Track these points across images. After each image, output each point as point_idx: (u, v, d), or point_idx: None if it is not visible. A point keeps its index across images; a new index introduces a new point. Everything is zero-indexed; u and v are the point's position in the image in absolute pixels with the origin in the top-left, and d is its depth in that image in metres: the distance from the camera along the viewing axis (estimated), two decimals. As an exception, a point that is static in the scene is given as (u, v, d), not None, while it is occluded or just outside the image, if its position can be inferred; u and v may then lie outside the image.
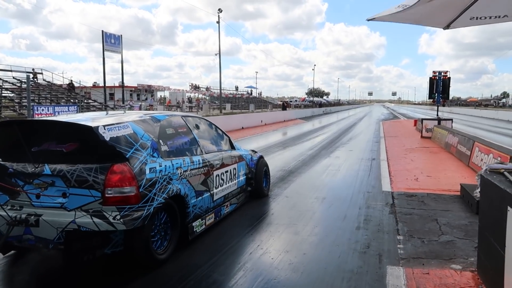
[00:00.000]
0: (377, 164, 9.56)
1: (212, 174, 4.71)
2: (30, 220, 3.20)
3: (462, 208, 5.56)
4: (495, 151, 7.44)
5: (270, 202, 6.07)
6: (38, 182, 3.35)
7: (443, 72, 17.35)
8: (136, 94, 51.46)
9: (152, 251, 3.49)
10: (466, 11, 3.55)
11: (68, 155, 3.32)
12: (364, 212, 5.48)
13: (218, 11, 36.05)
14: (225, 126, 20.23)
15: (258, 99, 75.54)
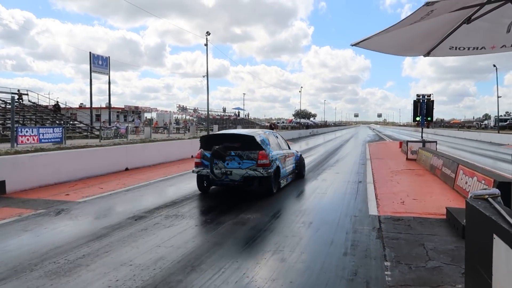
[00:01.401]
0: (363, 187, 9.56)
1: (285, 160, 9.52)
2: (228, 172, 7.98)
3: (448, 232, 5.56)
4: (479, 174, 7.52)
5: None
6: (228, 158, 8.05)
7: (427, 95, 17.74)
8: (123, 115, 51.20)
9: (272, 187, 8.30)
10: (446, 40, 3.64)
11: (239, 147, 8.09)
12: (351, 237, 5.43)
13: (206, 33, 36.47)
14: (212, 148, 20.23)
15: (246, 120, 75.88)
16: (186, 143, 18.85)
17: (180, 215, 6.65)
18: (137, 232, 5.62)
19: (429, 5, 2.23)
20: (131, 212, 6.90)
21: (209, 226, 6.01)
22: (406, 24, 2.67)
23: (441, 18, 3.32)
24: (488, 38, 3.71)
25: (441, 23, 3.51)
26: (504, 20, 3.35)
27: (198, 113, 65.44)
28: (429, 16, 2.55)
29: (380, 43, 3.52)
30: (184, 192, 8.82)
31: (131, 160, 13.15)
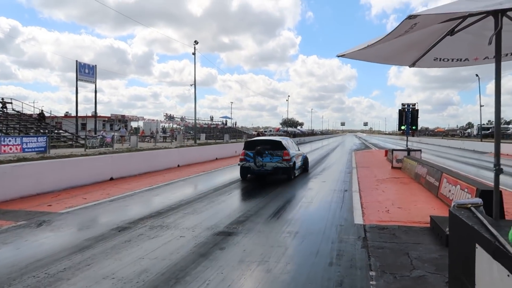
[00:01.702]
0: (349, 196, 9.60)
1: (297, 158, 13.48)
2: (264, 165, 12.13)
3: (432, 241, 5.60)
4: (462, 182, 7.62)
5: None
6: (264, 155, 12.14)
7: (412, 104, 18.03)
8: (109, 124, 50.65)
9: (291, 175, 12.65)
10: (430, 52, 3.70)
11: (270, 148, 12.25)
12: (337, 246, 5.42)
13: (194, 43, 36.54)
14: (199, 157, 20.10)
15: (233, 129, 75.79)
16: (173, 152, 18.71)
17: (165, 226, 6.56)
18: (120, 244, 5.51)
19: (411, 18, 2.26)
20: (115, 223, 6.78)
21: (195, 236, 5.93)
22: (390, 38, 2.70)
23: (425, 30, 3.37)
24: (471, 50, 3.78)
25: (426, 35, 3.56)
26: (486, 33, 3.41)
27: (185, 121, 65.17)
28: (412, 29, 2.59)
29: (366, 54, 3.55)
30: (170, 202, 8.72)
31: (116, 170, 12.97)
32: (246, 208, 8.10)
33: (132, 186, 11.15)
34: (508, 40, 3.35)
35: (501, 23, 2.96)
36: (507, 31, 3.27)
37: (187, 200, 9.01)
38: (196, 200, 9.09)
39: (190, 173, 14.72)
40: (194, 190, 11.19)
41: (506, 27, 3.18)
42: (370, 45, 2.91)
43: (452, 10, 2.39)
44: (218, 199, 9.26)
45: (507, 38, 3.29)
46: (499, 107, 3.17)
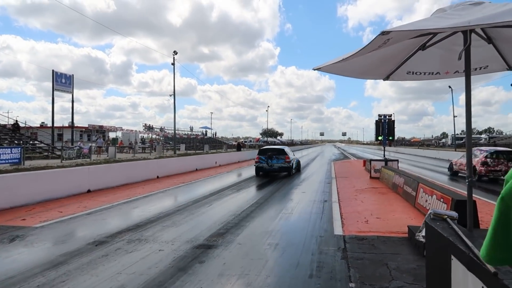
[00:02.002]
0: (329, 206, 9.67)
1: (294, 160, 19.35)
2: (272, 165, 17.77)
3: (410, 251, 5.68)
4: (438, 192, 7.79)
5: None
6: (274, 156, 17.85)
7: (388, 115, 18.41)
8: (87, 135, 49.71)
9: (290, 172, 18.53)
10: (403, 66, 3.80)
11: (277, 153, 17.98)
12: (317, 258, 5.43)
13: (174, 53, 36.43)
14: (179, 168, 19.91)
15: (213, 139, 75.60)
16: (152, 163, 18.47)
17: (143, 239, 6.44)
18: (97, 259, 5.37)
19: (384, 34, 2.32)
20: (92, 237, 6.61)
21: (174, 250, 5.84)
22: (364, 52, 2.77)
23: (398, 44, 3.47)
24: (442, 64, 3.91)
25: (399, 49, 3.67)
26: (456, 48, 3.54)
27: (164, 132, 64.60)
28: (386, 44, 2.66)
29: (341, 68, 3.63)
30: (148, 215, 8.58)
31: (93, 182, 12.70)
32: (226, 220, 8.04)
33: (110, 199, 10.92)
34: (477, 55, 3.48)
35: (470, 39, 3.08)
36: (476, 47, 3.41)
37: (166, 213, 8.89)
38: (176, 212, 8.97)
39: (170, 185, 14.55)
40: (174, 202, 11.05)
41: (474, 43, 3.31)
42: (345, 58, 2.98)
43: (423, 27, 2.48)
44: (198, 211, 9.18)
45: (476, 53, 3.42)
46: (470, 121, 3.28)
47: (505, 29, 3.10)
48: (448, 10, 2.66)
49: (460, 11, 2.50)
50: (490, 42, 3.42)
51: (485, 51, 3.54)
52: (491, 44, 3.44)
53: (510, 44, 3.41)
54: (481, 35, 3.32)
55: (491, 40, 3.41)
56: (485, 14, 2.22)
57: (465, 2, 2.67)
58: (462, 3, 2.68)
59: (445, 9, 2.76)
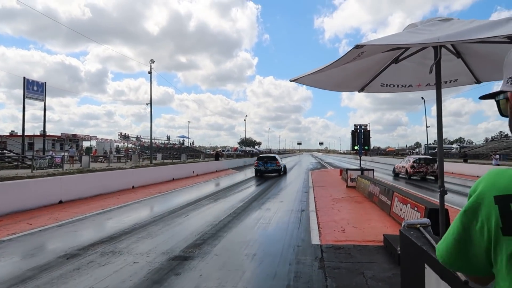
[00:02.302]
0: (306, 216, 9.72)
1: (282, 165, 26.28)
2: (267, 168, 24.79)
3: (386, 260, 5.76)
4: (412, 201, 7.96)
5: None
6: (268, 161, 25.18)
7: (363, 125, 18.77)
8: (59, 144, 48.33)
9: (279, 173, 25.58)
10: (377, 78, 3.90)
11: (270, 159, 25.27)
12: (294, 268, 5.43)
13: (151, 61, 36.08)
14: (155, 178, 19.61)
15: (190, 148, 74.99)
16: (127, 173, 18.12)
17: (117, 252, 6.28)
18: (68, 273, 5.19)
19: (358, 48, 2.37)
20: (63, 250, 6.40)
21: (149, 262, 5.71)
22: (339, 64, 2.82)
23: (372, 57, 3.56)
24: (414, 77, 4.03)
25: (373, 62, 3.76)
26: (427, 61, 3.66)
27: (141, 141, 63.64)
28: (360, 57, 2.72)
29: (317, 80, 3.68)
30: (123, 226, 8.38)
31: (66, 192, 12.33)
32: (203, 231, 7.95)
33: (83, 210, 10.62)
34: (447, 69, 3.61)
35: (440, 54, 3.20)
36: (446, 61, 3.53)
37: (141, 224, 8.71)
38: (151, 223, 8.81)
39: (146, 195, 14.29)
40: (149, 212, 10.85)
41: (444, 57, 3.43)
42: (321, 70, 3.03)
43: (396, 41, 2.55)
44: (175, 221, 9.04)
45: (446, 67, 3.55)
46: (441, 133, 3.38)
47: (472, 45, 3.23)
48: (419, 26, 2.75)
49: (431, 26, 2.59)
50: (459, 57, 3.55)
51: (455, 65, 3.68)
52: (460, 58, 3.57)
53: (478, 59, 3.55)
54: (451, 50, 3.45)
55: (460, 54, 3.54)
56: (454, 30, 2.31)
57: (435, 18, 2.78)
58: (432, 19, 2.78)
59: (416, 24, 2.85)
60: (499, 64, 3.34)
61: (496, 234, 0.70)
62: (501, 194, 0.68)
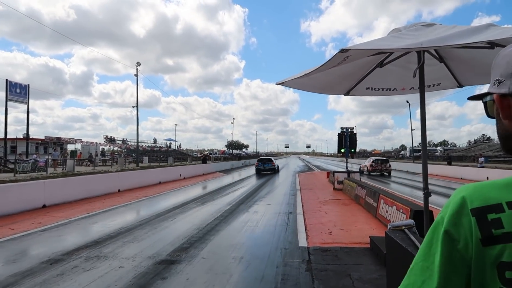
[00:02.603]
0: (293, 218, 9.75)
1: (276, 165, 34.28)
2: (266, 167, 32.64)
3: (372, 261, 5.81)
4: (398, 203, 8.06)
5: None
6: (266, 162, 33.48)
7: (350, 128, 18.95)
8: (43, 147, 47.45)
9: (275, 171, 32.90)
10: (362, 81, 3.95)
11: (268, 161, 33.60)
12: (282, 270, 5.44)
13: (137, 64, 35.80)
14: (141, 181, 19.43)
15: (178, 151, 74.53)
16: (113, 176, 17.92)
17: (102, 256, 6.19)
18: (51, 278, 5.10)
19: (343, 52, 2.40)
20: (46, 255, 6.28)
21: (135, 266, 5.65)
22: (325, 68, 2.85)
23: (358, 61, 3.60)
24: (399, 81, 4.09)
25: (358, 66, 3.81)
26: (411, 66, 3.72)
27: (127, 144, 62.96)
28: (345, 61, 2.75)
29: (303, 83, 3.71)
30: (108, 230, 8.28)
31: (50, 196, 12.12)
32: (190, 234, 7.90)
33: (67, 214, 10.46)
34: (430, 73, 3.68)
35: (423, 58, 3.26)
36: (429, 65, 3.60)
37: (127, 227, 8.61)
38: (137, 227, 8.72)
39: (132, 199, 14.14)
40: (136, 216, 10.74)
41: (428, 62, 3.49)
42: (307, 74, 3.05)
43: (380, 46, 2.59)
44: (161, 225, 8.96)
45: (429, 71, 3.61)
46: (425, 136, 3.44)
47: (454, 50, 3.30)
48: (403, 30, 2.80)
49: (414, 31, 2.64)
50: (442, 61, 3.62)
51: (438, 70, 3.75)
52: (443, 63, 3.64)
53: (460, 63, 3.63)
54: (434, 55, 3.52)
55: (443, 59, 3.61)
56: (436, 36, 2.36)
57: (418, 23, 2.83)
58: (416, 24, 2.83)
59: (400, 29, 2.90)
60: (480, 68, 3.41)
61: None
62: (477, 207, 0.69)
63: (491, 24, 2.42)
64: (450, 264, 0.69)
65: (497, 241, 0.65)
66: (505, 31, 2.25)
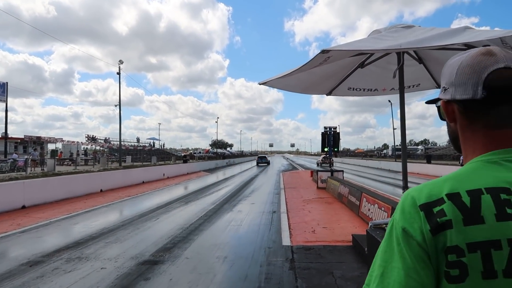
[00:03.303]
0: (277, 217, 9.79)
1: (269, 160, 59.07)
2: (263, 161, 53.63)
3: (355, 259, 5.89)
4: (379, 201, 8.19)
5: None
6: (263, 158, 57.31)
7: (333, 127, 19.12)
8: (22, 147, 46.37)
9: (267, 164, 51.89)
10: (344, 82, 4.00)
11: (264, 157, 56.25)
12: (265, 269, 5.46)
13: (119, 62, 35.33)
14: (124, 181, 19.20)
15: (161, 150, 73.84)
16: (95, 176, 17.64)
17: (84, 257, 6.10)
18: (31, 281, 5.01)
19: (325, 52, 2.43)
20: (26, 257, 6.16)
21: (117, 267, 5.59)
22: (307, 68, 2.88)
23: (339, 62, 3.64)
24: (379, 81, 4.16)
25: (340, 67, 3.85)
26: (391, 66, 3.79)
27: (109, 143, 62.08)
28: (327, 62, 2.78)
29: (286, 83, 3.73)
30: (90, 231, 8.16)
31: (29, 197, 11.87)
32: (174, 234, 7.86)
33: (48, 215, 10.26)
34: (410, 74, 3.75)
35: (403, 59, 3.32)
36: (409, 66, 3.67)
37: (109, 228, 8.51)
38: (120, 227, 8.62)
39: (114, 198, 13.97)
40: (118, 216, 10.61)
41: (407, 63, 3.56)
42: (289, 73, 3.08)
43: (360, 47, 2.63)
44: (144, 225, 8.88)
45: (409, 72, 3.69)
46: (405, 136, 3.51)
47: (433, 51, 3.37)
48: (383, 32, 2.85)
49: (394, 33, 2.69)
50: (421, 62, 3.70)
51: (417, 70, 3.83)
52: (422, 64, 3.72)
53: (438, 64, 3.71)
54: (413, 56, 3.59)
55: (422, 60, 3.69)
56: (415, 37, 2.41)
57: (398, 25, 2.89)
58: (395, 26, 2.89)
59: (380, 30, 2.95)
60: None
61: None
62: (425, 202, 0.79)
63: (467, 27, 2.49)
64: (412, 257, 0.75)
65: (442, 228, 0.74)
66: (480, 34, 2.32)
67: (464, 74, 0.86)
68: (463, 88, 0.86)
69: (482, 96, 0.83)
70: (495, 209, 0.75)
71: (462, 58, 0.88)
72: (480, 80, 0.83)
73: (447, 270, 0.73)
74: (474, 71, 0.85)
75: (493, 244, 0.72)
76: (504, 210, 0.74)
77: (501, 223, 0.73)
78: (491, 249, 0.72)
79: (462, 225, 0.74)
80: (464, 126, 0.89)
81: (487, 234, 0.73)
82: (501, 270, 0.71)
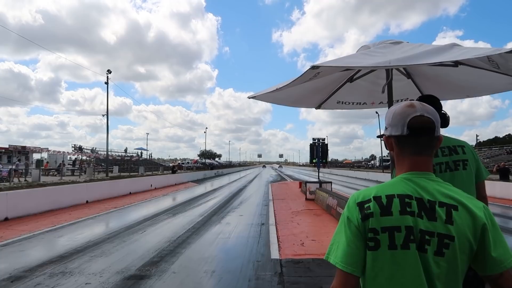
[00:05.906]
0: (266, 230, 9.72)
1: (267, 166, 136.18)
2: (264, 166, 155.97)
3: (343, 272, 5.85)
4: (368, 213, 8.20)
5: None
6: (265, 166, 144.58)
7: (321, 139, 19.22)
8: (6, 156, 45.48)
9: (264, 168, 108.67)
10: (333, 96, 4.02)
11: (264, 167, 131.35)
12: (254, 284, 5.39)
13: (107, 72, 35.08)
14: (111, 192, 18.93)
15: (149, 161, 73.26)
16: (81, 187, 17.35)
17: (68, 272, 5.95)
18: (12, 297, 4.85)
19: (314, 69, 2.44)
20: (7, 272, 5.98)
21: (102, 282, 5.45)
22: (296, 84, 2.88)
23: (328, 76, 3.66)
24: (368, 96, 4.18)
25: (329, 81, 3.87)
26: (380, 81, 3.82)
27: (96, 153, 61.38)
28: (316, 77, 2.79)
29: (275, 97, 3.73)
30: (75, 244, 7.98)
31: (12, 208, 11.60)
32: (161, 247, 7.73)
33: (31, 227, 10.02)
34: (398, 88, 3.79)
35: (391, 75, 3.36)
36: (397, 81, 3.71)
37: (95, 241, 8.33)
38: (106, 240, 8.45)
39: (100, 210, 13.73)
40: (104, 229, 10.41)
41: (396, 77, 3.60)
42: (278, 89, 3.08)
43: (349, 64, 2.65)
44: (131, 238, 8.73)
45: (397, 86, 3.72)
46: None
47: (421, 67, 3.41)
48: (372, 47, 2.87)
49: (382, 49, 2.71)
50: (409, 77, 3.74)
51: (405, 85, 3.86)
52: (410, 79, 3.76)
53: (426, 80, 3.75)
54: (401, 71, 3.63)
55: (410, 75, 3.73)
56: (404, 54, 2.43)
57: (386, 40, 2.91)
58: (384, 42, 2.91)
59: (369, 46, 2.97)
60: (444, 85, 3.53)
61: None
62: None
63: (455, 44, 2.52)
64: (351, 234, 1.20)
65: (367, 217, 1.19)
66: (468, 52, 2.35)
67: (396, 119, 1.28)
68: (396, 127, 1.28)
69: (407, 133, 1.25)
70: (399, 207, 1.18)
71: (396, 108, 1.30)
72: (405, 123, 1.25)
73: (368, 243, 1.18)
74: (402, 117, 1.27)
75: (396, 229, 1.16)
76: (405, 208, 1.18)
77: (402, 216, 1.17)
78: (394, 232, 1.16)
79: (379, 216, 1.18)
80: (398, 153, 1.32)
81: (393, 222, 1.17)
82: (399, 245, 1.15)
